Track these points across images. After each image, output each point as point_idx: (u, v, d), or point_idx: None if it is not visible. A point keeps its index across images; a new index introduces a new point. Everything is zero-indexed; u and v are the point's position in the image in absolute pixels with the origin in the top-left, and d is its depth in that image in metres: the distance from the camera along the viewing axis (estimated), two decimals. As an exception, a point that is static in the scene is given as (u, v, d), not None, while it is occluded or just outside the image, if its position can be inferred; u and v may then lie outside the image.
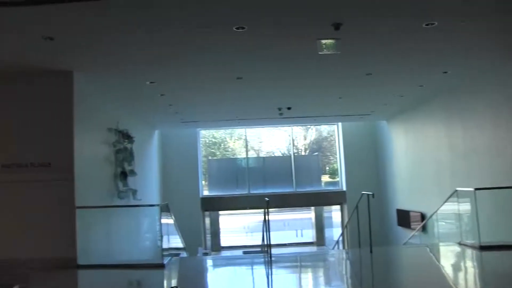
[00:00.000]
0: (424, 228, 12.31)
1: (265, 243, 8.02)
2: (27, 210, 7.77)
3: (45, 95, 8.07)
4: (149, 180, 14.65)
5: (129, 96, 10.59)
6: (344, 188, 18.38)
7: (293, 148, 19.66)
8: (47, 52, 6.99)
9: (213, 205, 18.61)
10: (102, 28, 6.17)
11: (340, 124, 18.58)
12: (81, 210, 7.62)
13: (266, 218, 8.08)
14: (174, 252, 9.32)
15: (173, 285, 6.68)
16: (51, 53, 7.03)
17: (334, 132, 19.40)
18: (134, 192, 11.09)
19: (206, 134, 19.78)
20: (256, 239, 16.84)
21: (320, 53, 6.60)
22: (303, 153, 20.75)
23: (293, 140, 19.75)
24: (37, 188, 7.73)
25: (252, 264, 8.45)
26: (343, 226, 17.94)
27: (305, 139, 21.11)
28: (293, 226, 25.54)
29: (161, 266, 7.31)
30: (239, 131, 19.83)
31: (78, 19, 5.75)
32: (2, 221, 7.77)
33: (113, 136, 10.36)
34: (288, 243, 21.00)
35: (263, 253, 8.29)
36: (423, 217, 13.49)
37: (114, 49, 7.10)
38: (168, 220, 9.28)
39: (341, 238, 16.69)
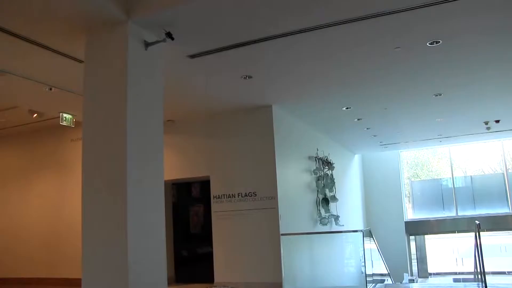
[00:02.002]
0: None
1: (478, 270, 7.39)
2: (237, 237, 8.42)
3: (247, 130, 8.77)
4: (351, 206, 14.67)
5: (326, 124, 10.85)
6: None
7: (506, 164, 17.81)
8: (246, 90, 7.56)
9: (418, 228, 17.77)
10: (294, 61, 6.46)
11: None
12: (285, 237, 7.96)
13: (478, 243, 7.46)
14: (378, 278, 9.11)
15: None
16: (250, 90, 7.60)
17: (557, 143, 17.06)
18: (337, 218, 11.22)
19: (408, 155, 19.10)
20: (467, 266, 15.54)
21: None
22: (518, 169, 18.64)
23: (505, 155, 17.90)
24: (245, 217, 8.35)
25: (464, 293, 7.82)
26: None
27: (519, 153, 18.98)
28: (512, 251, 22.90)
29: (366, 292, 7.21)
30: (442, 150, 18.71)
31: (272, 55, 6.14)
32: (217, 248, 8.54)
33: (313, 163, 10.66)
34: (508, 272, 18.83)
35: (477, 282, 7.63)
36: None
37: (306, 80, 7.37)
38: (371, 245, 9.14)
39: None
